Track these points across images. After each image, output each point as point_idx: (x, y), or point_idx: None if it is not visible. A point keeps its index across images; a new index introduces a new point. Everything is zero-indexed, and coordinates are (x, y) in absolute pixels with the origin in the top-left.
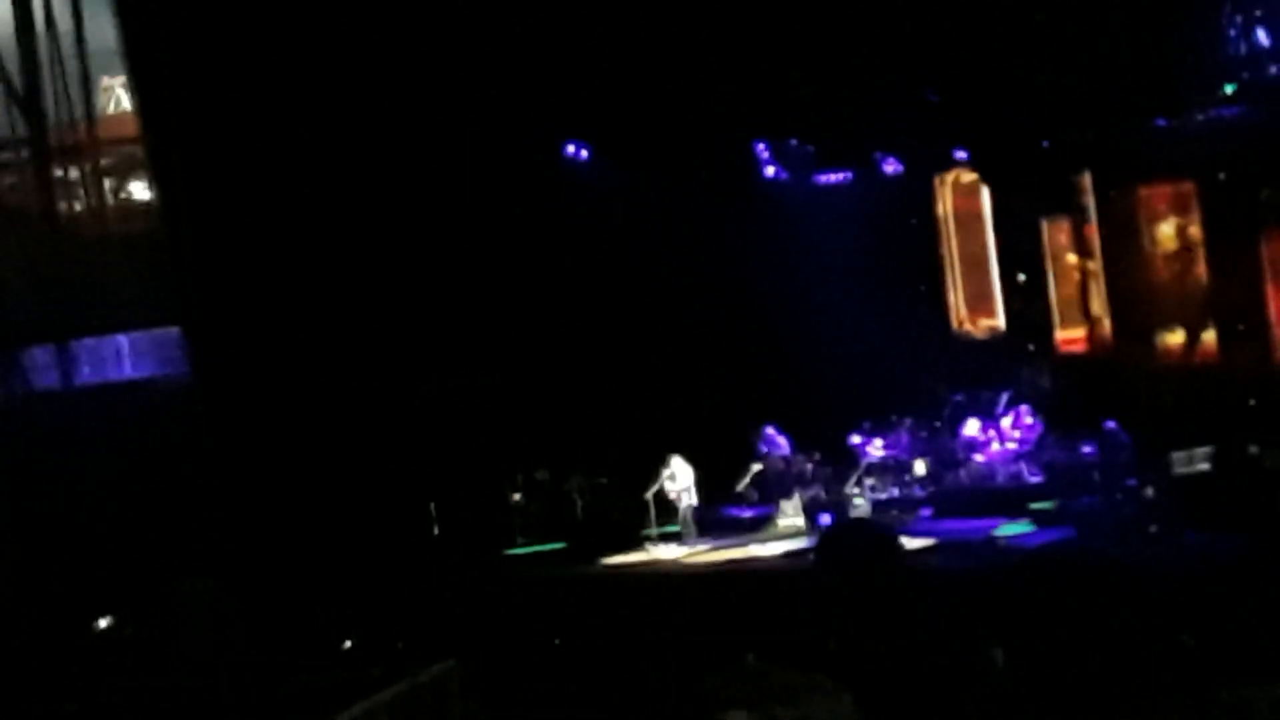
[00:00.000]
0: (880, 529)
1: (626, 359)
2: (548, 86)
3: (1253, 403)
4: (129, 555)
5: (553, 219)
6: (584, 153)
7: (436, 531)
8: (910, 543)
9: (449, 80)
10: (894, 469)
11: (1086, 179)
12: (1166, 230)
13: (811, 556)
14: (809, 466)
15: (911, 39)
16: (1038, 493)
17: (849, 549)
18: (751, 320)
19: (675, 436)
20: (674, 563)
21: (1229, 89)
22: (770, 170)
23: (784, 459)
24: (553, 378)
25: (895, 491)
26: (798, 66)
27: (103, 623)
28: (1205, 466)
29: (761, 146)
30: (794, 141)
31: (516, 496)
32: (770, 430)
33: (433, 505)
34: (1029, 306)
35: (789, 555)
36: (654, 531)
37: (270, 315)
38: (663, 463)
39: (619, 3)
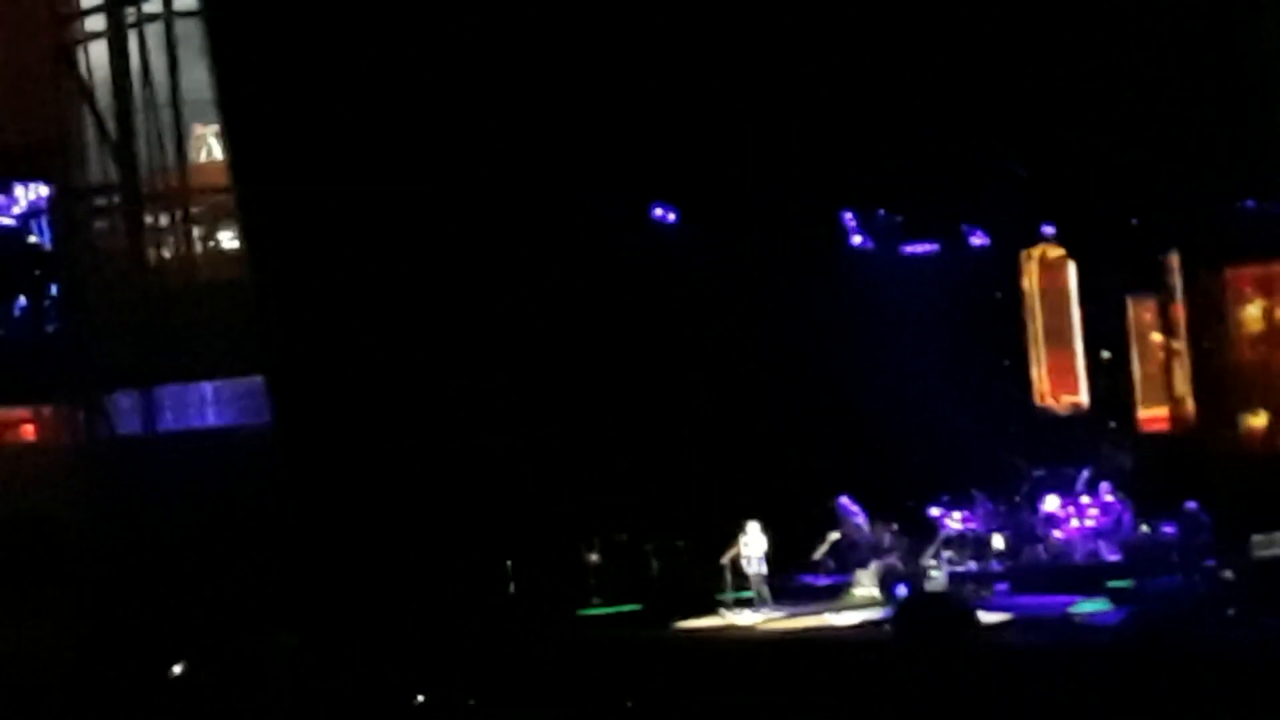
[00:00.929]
0: (957, 603)
1: (708, 423)
2: (639, 149)
3: None
4: (206, 601)
5: (639, 281)
6: (672, 216)
7: (512, 589)
8: (986, 617)
9: (544, 139)
10: (972, 542)
11: (1174, 258)
12: (1253, 312)
13: (887, 628)
14: (886, 537)
15: (1002, 113)
16: (1116, 571)
17: (925, 622)
18: (833, 388)
19: (753, 502)
20: (748, 629)
21: None
22: (857, 239)
23: (861, 528)
24: (634, 440)
25: (973, 565)
26: (889, 137)
27: (177, 669)
28: None
29: (849, 215)
30: (882, 211)
31: (594, 557)
32: (847, 499)
33: (509, 563)
34: (1112, 384)
35: (864, 625)
36: (729, 597)
37: (353, 367)
38: (740, 528)
39: (714, 69)
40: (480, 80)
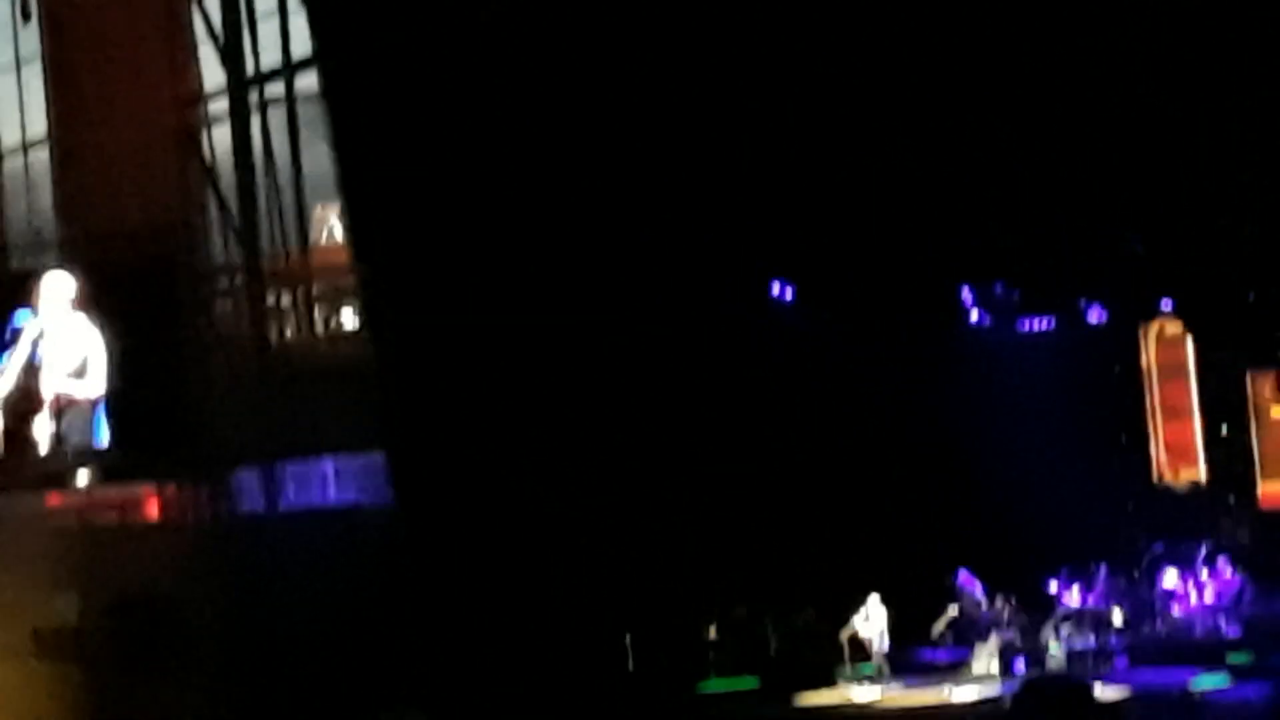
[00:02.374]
0: (1076, 679)
1: (826, 498)
2: (755, 222)
3: None
4: (331, 680)
5: (758, 357)
6: (789, 291)
7: (631, 665)
8: (1105, 692)
9: (662, 212)
10: (1090, 617)
11: None
12: None
13: (1006, 704)
14: (1005, 612)
15: (1120, 186)
16: (1236, 646)
17: (1045, 699)
18: (952, 463)
19: (872, 577)
20: (868, 704)
21: None
22: (974, 314)
23: (980, 603)
24: (752, 515)
25: (1091, 640)
26: (1006, 210)
27: None
28: None
29: (966, 291)
30: (999, 286)
31: (712, 632)
32: (966, 574)
33: (629, 638)
34: (1231, 459)
35: (983, 701)
36: (849, 672)
37: (473, 444)
38: (859, 603)
39: (831, 143)
40: (600, 161)
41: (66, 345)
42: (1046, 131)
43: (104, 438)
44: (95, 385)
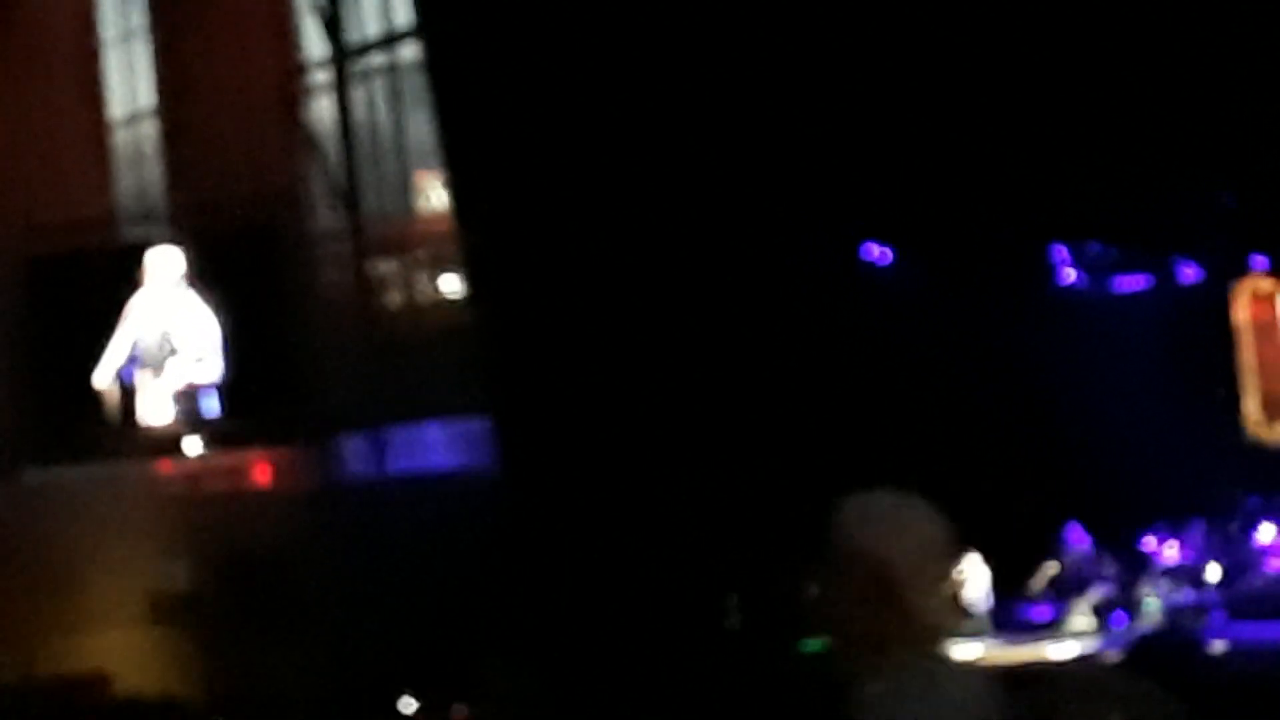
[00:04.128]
0: (1178, 633)
1: (923, 456)
2: (847, 183)
3: None
4: (437, 644)
5: (851, 318)
6: (882, 252)
7: (737, 624)
8: (1204, 647)
9: (760, 179)
10: (1188, 572)
11: None
12: None
13: (1107, 659)
14: (1102, 567)
15: (1212, 144)
16: None
17: (1148, 652)
18: (1047, 422)
19: (971, 534)
20: (969, 661)
21: None
22: (1068, 273)
23: (1078, 559)
24: (852, 473)
25: (1189, 595)
26: (1101, 167)
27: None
28: None
29: (1060, 248)
30: (1093, 244)
31: (813, 590)
32: (1067, 529)
33: (734, 597)
34: None
35: (1084, 658)
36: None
37: (575, 409)
38: (958, 560)
39: (922, 100)
40: (701, 128)
41: (179, 321)
42: (1139, 86)
43: (215, 406)
44: (211, 361)
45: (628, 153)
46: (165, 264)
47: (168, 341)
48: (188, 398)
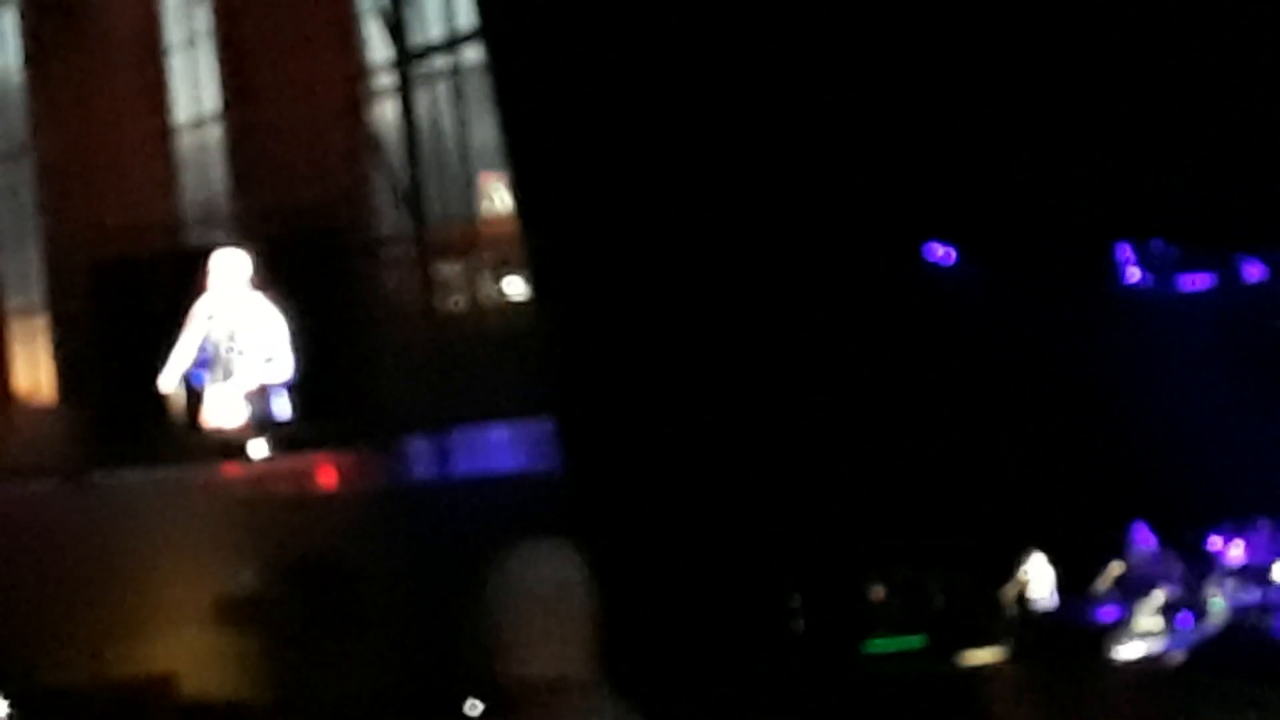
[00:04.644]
0: (1244, 632)
1: (988, 455)
2: (910, 182)
3: None
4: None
5: (915, 318)
6: (946, 251)
7: (800, 625)
8: (1271, 647)
9: (826, 180)
10: (1254, 571)
11: None
12: None
13: (1173, 659)
14: (1168, 567)
15: (1275, 138)
16: None
17: (1213, 652)
18: (1112, 421)
19: (1035, 534)
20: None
21: None
22: (1133, 272)
23: (1143, 559)
24: (916, 473)
25: (1255, 594)
26: (1164, 165)
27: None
28: None
29: (1125, 248)
30: (1158, 243)
31: (877, 592)
32: (1133, 529)
33: (798, 597)
34: None
35: (1149, 659)
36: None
37: (640, 411)
38: (1023, 560)
39: (983, 96)
40: (765, 131)
41: (247, 324)
42: (1203, 82)
43: (286, 407)
44: (282, 365)
45: (693, 154)
46: (231, 267)
47: (235, 344)
48: (259, 398)
